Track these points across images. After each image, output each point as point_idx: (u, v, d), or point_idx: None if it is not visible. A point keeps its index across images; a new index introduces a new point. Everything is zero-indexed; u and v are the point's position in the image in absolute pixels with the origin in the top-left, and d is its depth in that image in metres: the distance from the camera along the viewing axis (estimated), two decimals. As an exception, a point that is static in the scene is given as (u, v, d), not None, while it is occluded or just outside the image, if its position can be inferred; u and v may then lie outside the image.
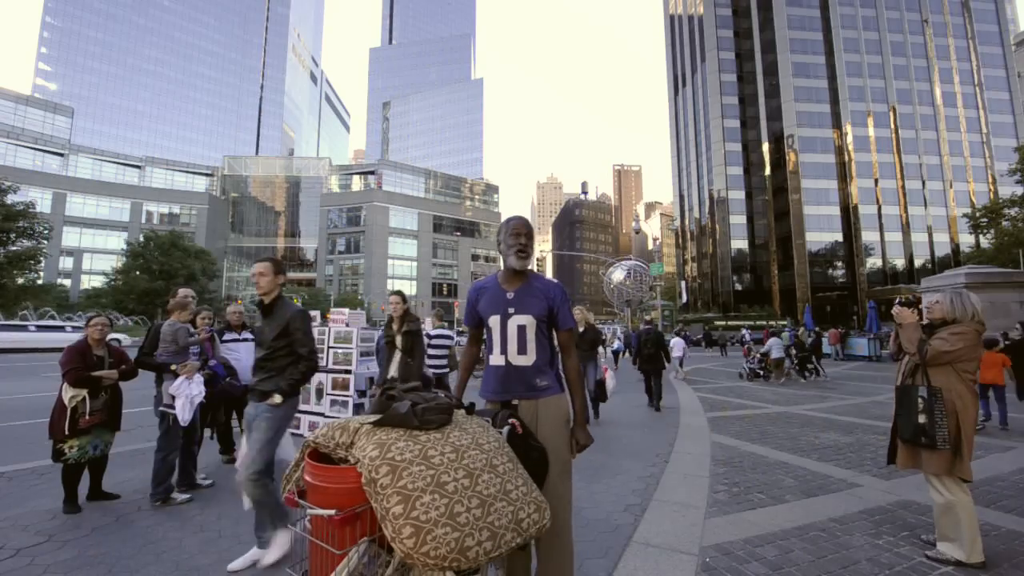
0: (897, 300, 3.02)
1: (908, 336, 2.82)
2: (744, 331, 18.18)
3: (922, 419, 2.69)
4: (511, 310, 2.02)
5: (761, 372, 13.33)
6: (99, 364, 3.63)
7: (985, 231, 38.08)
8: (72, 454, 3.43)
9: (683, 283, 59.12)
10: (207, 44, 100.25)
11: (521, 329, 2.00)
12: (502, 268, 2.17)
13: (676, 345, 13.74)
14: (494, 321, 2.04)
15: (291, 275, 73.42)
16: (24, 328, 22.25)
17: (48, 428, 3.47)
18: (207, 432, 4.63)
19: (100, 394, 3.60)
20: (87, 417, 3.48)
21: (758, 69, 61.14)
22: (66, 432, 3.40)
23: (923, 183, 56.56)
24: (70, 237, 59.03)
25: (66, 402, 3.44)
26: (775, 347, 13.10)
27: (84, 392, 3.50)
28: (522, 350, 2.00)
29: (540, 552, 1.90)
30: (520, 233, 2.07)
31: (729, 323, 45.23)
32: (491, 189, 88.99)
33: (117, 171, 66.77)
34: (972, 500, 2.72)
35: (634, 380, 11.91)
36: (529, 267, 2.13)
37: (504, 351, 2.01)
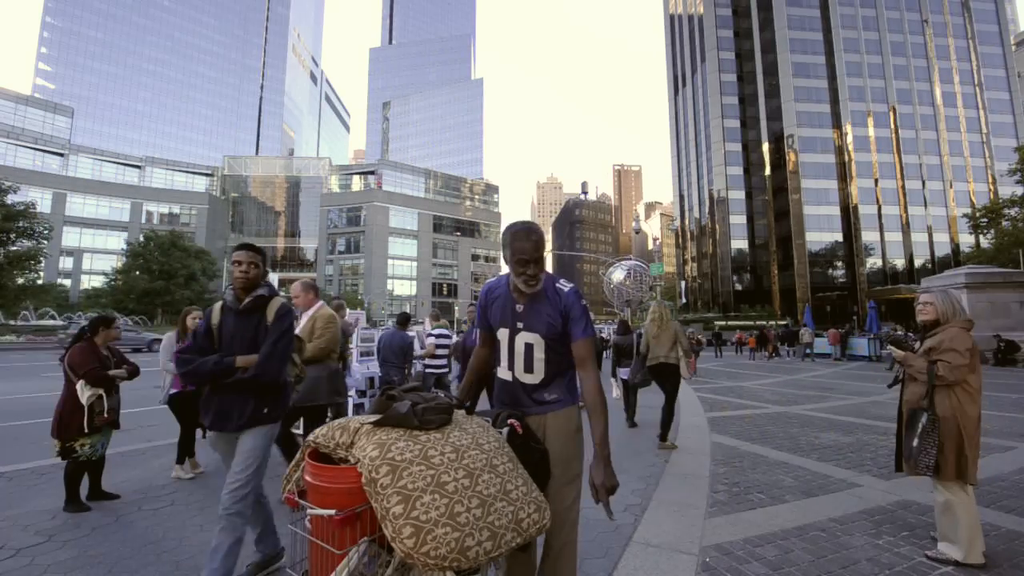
0: (888, 341, 3.04)
1: (918, 368, 2.85)
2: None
3: (916, 442, 2.75)
4: (520, 325, 1.89)
5: None
6: (107, 364, 3.71)
7: (985, 231, 38.09)
8: (83, 451, 3.48)
9: (683, 283, 59.02)
10: (207, 44, 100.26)
11: (529, 347, 1.88)
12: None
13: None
14: (503, 334, 1.95)
15: (291, 275, 73.46)
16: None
17: (54, 427, 3.48)
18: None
19: (114, 392, 3.69)
20: (104, 415, 3.56)
21: (758, 69, 61.11)
22: (85, 430, 3.45)
23: (923, 183, 56.54)
24: (70, 237, 59.03)
25: (83, 401, 3.48)
26: None
27: (101, 391, 3.57)
28: (528, 368, 1.89)
29: (543, 568, 1.83)
30: (527, 260, 1.77)
31: (729, 323, 45.17)
32: (491, 189, 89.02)
33: (117, 171, 66.80)
34: (973, 500, 2.72)
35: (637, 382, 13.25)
36: (541, 278, 1.85)
37: (511, 367, 1.93)
